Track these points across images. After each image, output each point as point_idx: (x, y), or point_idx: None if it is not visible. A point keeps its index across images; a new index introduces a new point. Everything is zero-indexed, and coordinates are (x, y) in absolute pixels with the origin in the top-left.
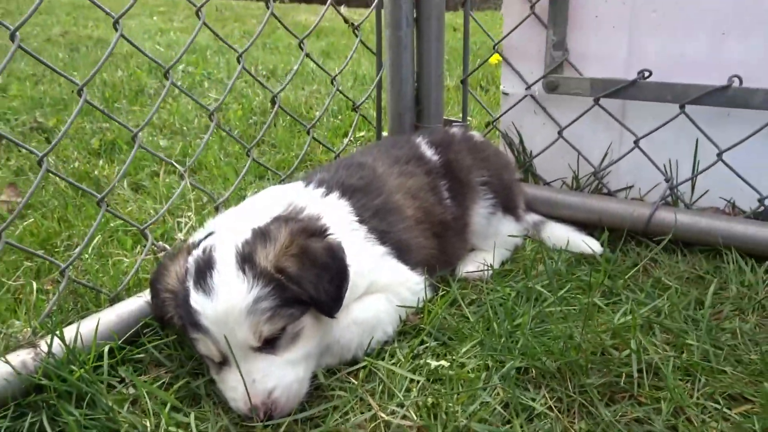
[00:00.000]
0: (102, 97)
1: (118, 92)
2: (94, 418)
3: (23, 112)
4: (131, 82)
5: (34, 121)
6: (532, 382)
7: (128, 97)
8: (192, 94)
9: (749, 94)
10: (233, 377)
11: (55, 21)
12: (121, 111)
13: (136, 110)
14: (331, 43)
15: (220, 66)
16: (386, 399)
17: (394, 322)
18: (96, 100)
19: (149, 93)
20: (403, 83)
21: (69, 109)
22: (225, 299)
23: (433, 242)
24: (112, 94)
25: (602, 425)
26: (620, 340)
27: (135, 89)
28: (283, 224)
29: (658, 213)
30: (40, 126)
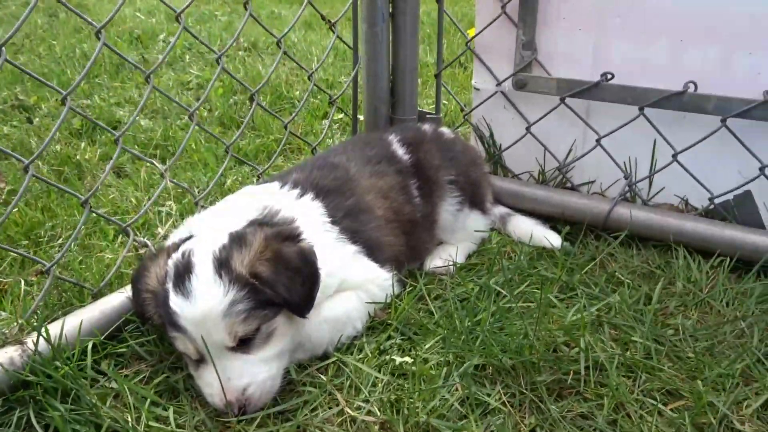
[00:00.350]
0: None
1: (99, 66)
2: (78, 413)
3: (3, 87)
4: (112, 55)
5: (15, 99)
6: (489, 378)
7: (109, 72)
8: (174, 68)
9: (703, 100)
10: (209, 374)
11: None
12: (102, 87)
13: (117, 86)
14: (313, 13)
15: (202, 35)
16: (353, 394)
17: (363, 318)
18: (77, 75)
19: (130, 67)
20: (379, 77)
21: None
22: (202, 302)
23: (401, 239)
24: (93, 69)
25: (550, 420)
26: (571, 337)
27: (116, 63)
28: (258, 229)
29: (617, 209)
30: (22, 104)
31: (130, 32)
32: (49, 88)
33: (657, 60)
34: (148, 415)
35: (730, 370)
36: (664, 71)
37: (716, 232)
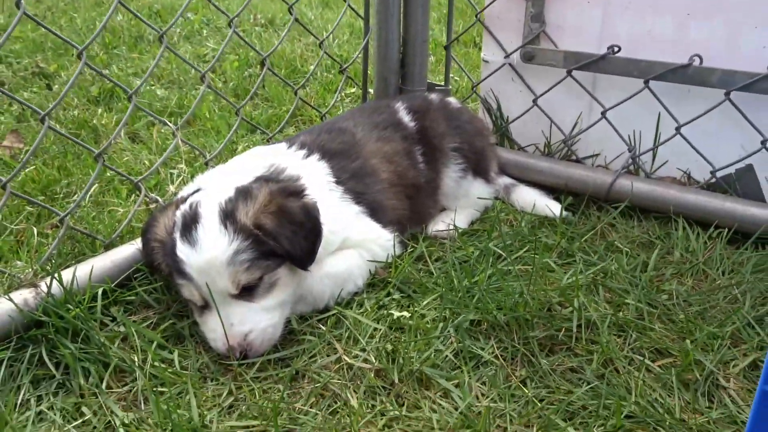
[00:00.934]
0: (102, 43)
1: (118, 38)
2: (87, 352)
3: (25, 55)
4: (131, 27)
5: (36, 66)
6: (483, 333)
7: (128, 44)
8: (191, 42)
9: (707, 73)
10: (213, 320)
11: None
12: (120, 58)
13: (135, 57)
14: None
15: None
16: (351, 344)
17: (364, 275)
18: (96, 46)
19: (149, 40)
20: (389, 47)
21: (69, 53)
22: (208, 251)
23: (405, 203)
24: (112, 40)
25: (540, 373)
26: (565, 298)
27: (135, 35)
28: (264, 184)
29: (619, 181)
30: (42, 71)
31: (149, 7)
32: (68, 56)
33: (663, 34)
34: (154, 357)
35: (720, 332)
36: (669, 45)
37: (716, 204)
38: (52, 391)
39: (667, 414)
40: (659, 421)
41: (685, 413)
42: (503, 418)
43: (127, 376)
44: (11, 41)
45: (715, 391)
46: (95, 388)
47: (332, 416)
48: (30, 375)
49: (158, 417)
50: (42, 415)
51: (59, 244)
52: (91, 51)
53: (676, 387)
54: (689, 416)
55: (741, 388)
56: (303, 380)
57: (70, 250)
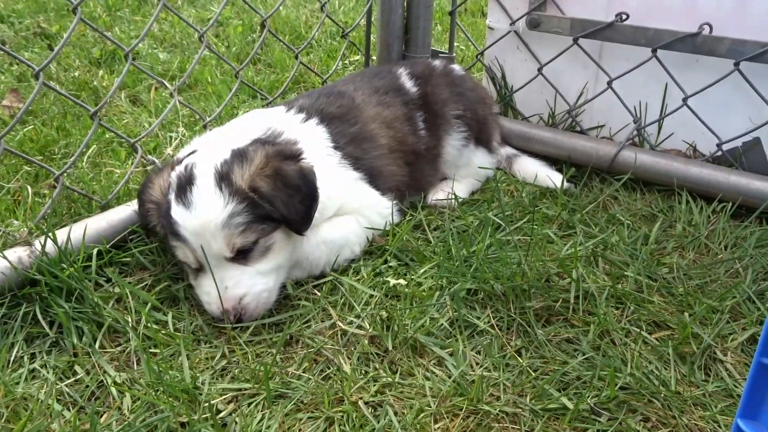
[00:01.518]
0: (105, 5)
1: (122, 1)
2: (81, 311)
3: (27, 15)
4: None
5: (38, 26)
6: (480, 303)
7: (131, 6)
8: (195, 5)
9: (716, 43)
10: (208, 283)
11: None
12: (123, 20)
13: (138, 20)
14: None
15: None
16: (346, 310)
17: (362, 243)
18: (99, 8)
19: (153, 2)
20: (393, 12)
21: (72, 15)
22: (203, 213)
23: (404, 170)
24: (115, 2)
25: (536, 343)
26: (564, 269)
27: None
28: (260, 147)
29: (623, 152)
30: (43, 32)
31: None
32: (70, 17)
33: (672, 1)
34: (148, 319)
35: (720, 306)
36: (678, 13)
37: (721, 177)
38: (45, 349)
39: (662, 386)
40: (654, 393)
41: (680, 386)
42: (497, 387)
43: (121, 336)
44: (13, 1)
45: (712, 365)
46: (88, 348)
47: (324, 381)
48: (23, 333)
49: (150, 377)
50: (35, 373)
51: (54, 204)
52: (94, 13)
53: (673, 360)
54: (685, 389)
55: (738, 362)
56: (296, 345)
57: (66, 210)
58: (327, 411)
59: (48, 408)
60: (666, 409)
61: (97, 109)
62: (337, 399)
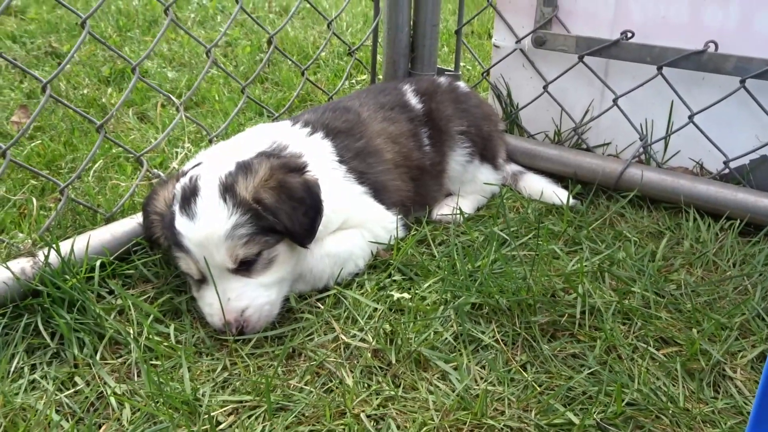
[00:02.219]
0: (116, 26)
1: (132, 21)
2: (83, 322)
3: (39, 36)
4: (146, 11)
5: (49, 46)
6: (484, 317)
7: (141, 27)
8: (204, 27)
9: (722, 60)
10: (210, 294)
11: None
12: (133, 40)
13: (148, 40)
14: None
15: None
16: (349, 324)
17: (366, 257)
18: (110, 29)
19: (163, 23)
20: (399, 30)
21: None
22: (206, 224)
23: (409, 185)
24: (126, 23)
25: (541, 358)
26: (570, 284)
27: (149, 19)
28: (265, 159)
29: (629, 170)
30: (54, 51)
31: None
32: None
33: (677, 19)
34: (150, 330)
35: (728, 323)
36: (683, 31)
37: (728, 194)
38: (46, 360)
39: (670, 402)
40: (662, 409)
41: (689, 402)
42: (501, 402)
43: (122, 348)
44: (26, 22)
45: (721, 382)
46: (89, 359)
47: (326, 394)
48: (24, 344)
49: (150, 388)
50: (35, 384)
51: (59, 216)
52: (105, 33)
53: (681, 376)
54: (693, 406)
55: (748, 379)
56: (299, 358)
57: (71, 223)
58: (328, 424)
59: (46, 418)
60: (674, 426)
61: (103, 122)
62: (339, 412)
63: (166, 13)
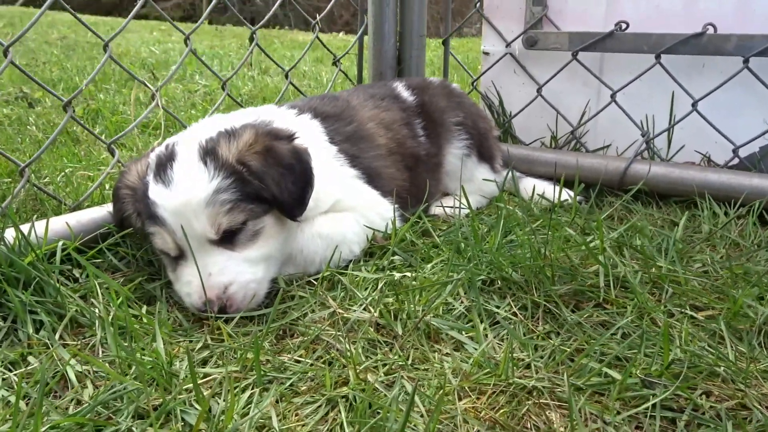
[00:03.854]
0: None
1: (108, 78)
2: (40, 302)
3: (10, 86)
4: (123, 71)
5: (21, 92)
6: (497, 292)
7: (117, 83)
8: (183, 82)
9: (722, 41)
10: (189, 271)
11: (56, 30)
12: (108, 91)
13: (124, 92)
14: (325, 54)
15: (213, 66)
16: (348, 302)
17: (361, 242)
18: (84, 78)
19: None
20: (385, 41)
21: (56, 88)
22: (184, 189)
23: (404, 174)
24: (102, 78)
25: (566, 326)
26: (590, 260)
27: (126, 78)
28: (250, 126)
29: (634, 165)
30: (25, 96)
31: (143, 61)
32: (54, 89)
33: (671, 7)
34: (120, 311)
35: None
36: (678, 17)
37: (742, 180)
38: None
39: (720, 360)
40: (713, 366)
41: (741, 362)
42: (528, 369)
43: (86, 330)
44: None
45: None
46: (46, 340)
47: (325, 366)
48: None
49: (117, 353)
50: None
51: (17, 197)
52: (80, 86)
53: (728, 336)
54: (746, 364)
55: None
56: (291, 337)
57: (32, 212)
58: (329, 392)
59: None
60: (729, 383)
61: (69, 99)
62: (342, 381)
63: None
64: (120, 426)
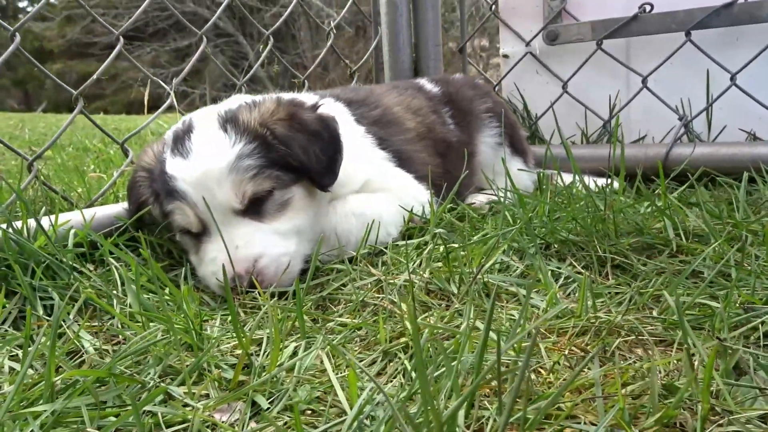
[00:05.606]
0: None
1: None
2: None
3: None
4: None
5: None
6: (554, 256)
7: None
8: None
9: (756, 8)
10: (213, 247)
11: None
12: None
13: None
14: None
15: None
16: (392, 271)
17: (398, 224)
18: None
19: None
20: (401, 52)
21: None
22: (204, 157)
23: (437, 160)
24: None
25: (641, 276)
26: (652, 221)
27: None
28: (271, 97)
29: (675, 150)
30: None
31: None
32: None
33: None
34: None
35: None
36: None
37: None
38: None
39: None
40: None
41: None
42: (608, 313)
43: (104, 315)
44: None
45: None
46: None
47: (378, 322)
48: None
49: (137, 306)
50: None
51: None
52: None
53: None
54: None
55: None
56: (335, 305)
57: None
58: (385, 345)
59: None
60: None
61: (80, 91)
62: (396, 335)
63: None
64: (148, 384)
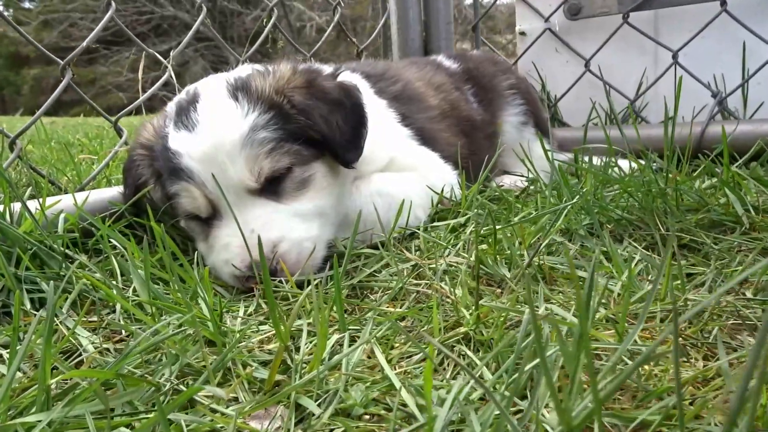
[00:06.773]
0: None
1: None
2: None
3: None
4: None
5: None
6: (610, 236)
7: None
8: None
9: None
10: (226, 232)
11: None
12: None
13: None
14: None
15: None
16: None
17: (426, 207)
18: None
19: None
20: (410, 29)
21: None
22: (213, 130)
23: (462, 140)
24: None
25: (714, 254)
26: (712, 197)
27: None
28: (286, 63)
29: (711, 128)
30: None
31: None
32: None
33: None
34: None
35: None
36: None
37: None
38: None
39: None
40: None
41: None
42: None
43: (102, 308)
44: None
45: None
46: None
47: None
48: None
49: (145, 294)
50: None
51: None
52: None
53: None
54: None
55: None
56: (370, 293)
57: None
58: (439, 336)
59: None
60: None
61: (66, 61)
62: (451, 325)
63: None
64: (164, 386)
